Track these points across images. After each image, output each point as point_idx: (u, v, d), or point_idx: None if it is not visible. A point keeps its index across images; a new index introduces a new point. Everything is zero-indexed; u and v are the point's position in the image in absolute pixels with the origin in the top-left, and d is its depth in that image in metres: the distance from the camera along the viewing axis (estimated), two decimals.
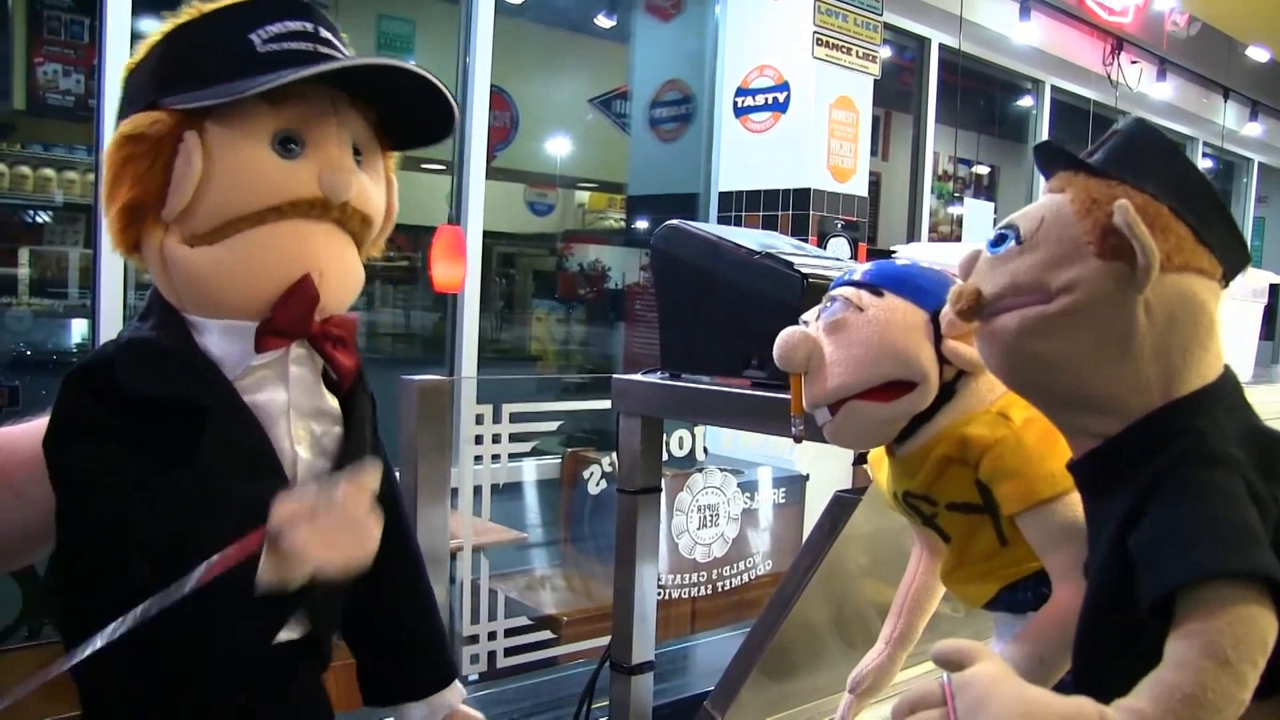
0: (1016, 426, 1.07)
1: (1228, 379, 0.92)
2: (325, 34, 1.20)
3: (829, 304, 1.15)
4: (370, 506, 1.04)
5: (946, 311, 1.08)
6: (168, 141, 1.13)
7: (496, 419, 3.13)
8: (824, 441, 1.18)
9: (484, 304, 4.61)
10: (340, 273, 1.22)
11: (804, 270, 1.49)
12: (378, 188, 1.27)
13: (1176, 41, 7.84)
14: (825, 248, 4.94)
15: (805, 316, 1.18)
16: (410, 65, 1.19)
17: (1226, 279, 0.92)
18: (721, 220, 5.26)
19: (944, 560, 1.20)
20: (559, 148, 7.66)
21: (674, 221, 1.68)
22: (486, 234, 4.57)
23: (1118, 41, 7.36)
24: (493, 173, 4.86)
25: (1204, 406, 0.89)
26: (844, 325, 1.11)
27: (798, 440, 1.22)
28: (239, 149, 1.14)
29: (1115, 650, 0.84)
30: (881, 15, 5.22)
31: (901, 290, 1.12)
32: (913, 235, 6.74)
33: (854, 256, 5.10)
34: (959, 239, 7.23)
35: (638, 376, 1.75)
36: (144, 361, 1.16)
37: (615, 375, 1.76)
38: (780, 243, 1.68)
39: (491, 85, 4.56)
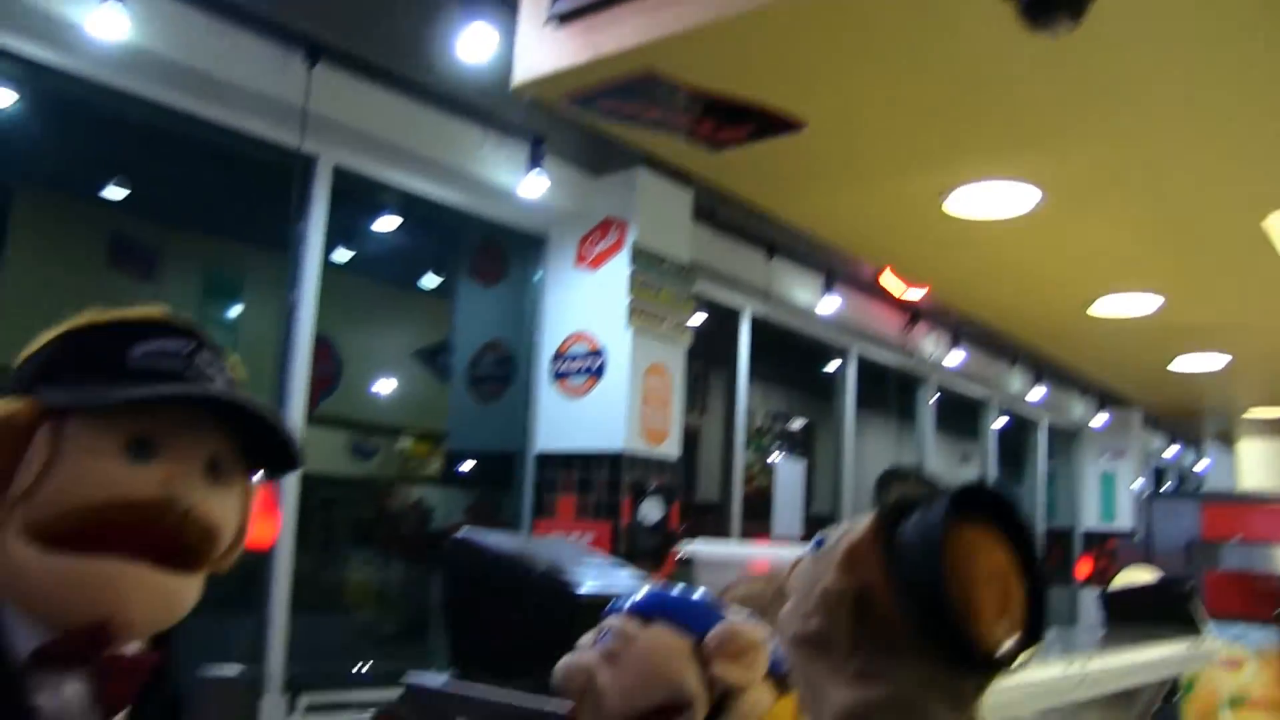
0: None
1: None
2: (203, 355, 1.26)
3: (602, 634, 1.22)
4: None
5: (712, 635, 1.18)
6: (26, 430, 1.17)
7: (292, 710, 3.06)
8: None
9: (302, 545, 4.51)
10: (152, 619, 1.23)
11: (579, 591, 1.58)
12: (229, 502, 1.29)
13: (965, 316, 8.40)
14: (638, 508, 5.05)
15: (583, 641, 1.24)
16: (254, 403, 1.25)
17: (960, 668, 0.98)
18: (539, 480, 5.34)
19: None
20: (383, 393, 7.72)
21: (463, 534, 1.76)
22: (307, 477, 4.50)
23: (914, 314, 7.85)
24: (315, 419, 4.85)
25: None
26: (616, 655, 1.18)
27: None
28: (89, 446, 1.18)
29: None
30: (693, 288, 5.50)
31: (668, 617, 1.19)
32: (728, 485, 6.91)
33: (667, 516, 5.22)
34: (770, 492, 7.44)
35: (428, 682, 1.79)
36: None
37: (409, 680, 1.79)
38: (565, 556, 1.77)
39: (318, 334, 4.60)
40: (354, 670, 3.27)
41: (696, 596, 1.25)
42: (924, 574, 0.95)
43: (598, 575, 1.69)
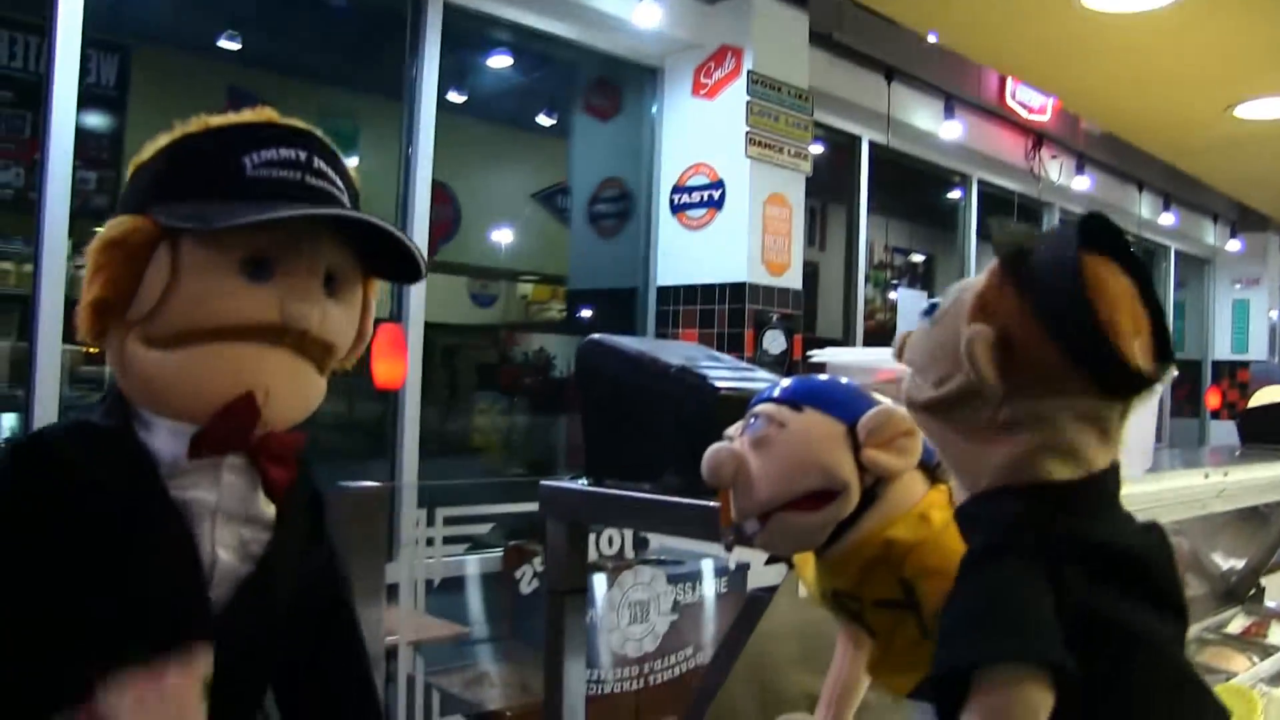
0: (937, 528, 1.13)
1: (1075, 485, 0.97)
2: (318, 164, 1.24)
3: (752, 421, 1.20)
4: (198, 694, 1.02)
5: (864, 420, 1.16)
6: (144, 250, 1.17)
7: (431, 522, 3.16)
8: (755, 548, 1.23)
9: (427, 396, 4.63)
10: (290, 394, 1.24)
11: (718, 385, 1.57)
12: (347, 314, 1.29)
13: (1093, 138, 8.11)
14: (761, 340, 5.05)
15: (729, 432, 1.22)
16: (374, 220, 1.23)
17: (1113, 395, 0.96)
18: (660, 314, 5.35)
19: (870, 653, 1.25)
20: (501, 240, 7.74)
21: (597, 336, 1.75)
22: (429, 326, 4.60)
23: (1038, 138, 7.61)
24: (436, 266, 4.90)
25: (1023, 500, 0.96)
26: (767, 441, 1.16)
27: (728, 549, 1.26)
28: (207, 269, 1.17)
29: None
30: (812, 115, 5.38)
31: (819, 404, 1.17)
32: (848, 323, 6.86)
33: (790, 348, 5.20)
34: (894, 326, 7.37)
35: (564, 483, 1.81)
36: (82, 445, 1.19)
37: (542, 482, 1.82)
38: (698, 355, 1.76)
39: (435, 180, 4.63)
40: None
41: (849, 386, 1.23)
42: (1066, 297, 0.93)
43: (733, 371, 1.68)
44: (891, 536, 1.14)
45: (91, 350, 4.23)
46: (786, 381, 1.23)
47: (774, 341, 5.14)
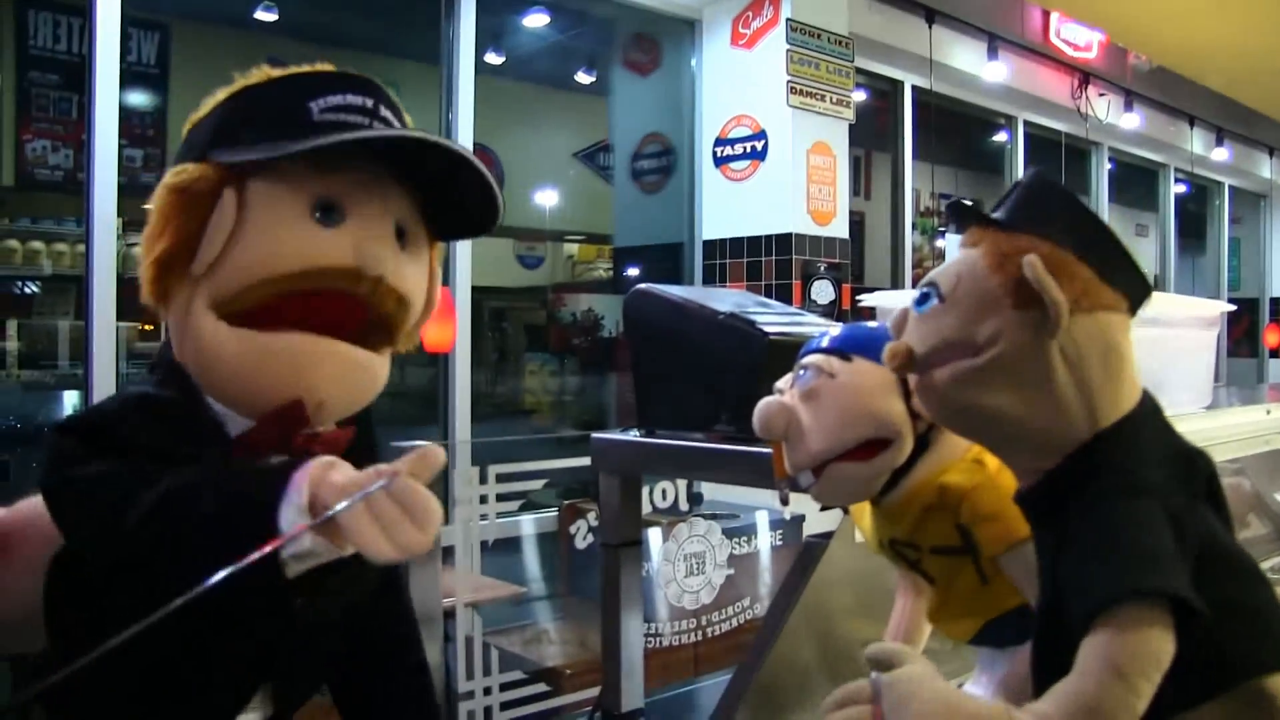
0: (992, 472, 1.12)
1: (1145, 405, 0.98)
2: (385, 112, 1.20)
3: (801, 373, 1.18)
4: (434, 504, 0.92)
5: None
6: (208, 196, 1.12)
7: (484, 480, 3.18)
8: (809, 497, 1.21)
9: (477, 359, 4.65)
10: (345, 399, 1.20)
11: (768, 329, 1.56)
12: (418, 271, 1.25)
13: (1140, 74, 7.96)
14: (809, 290, 5.01)
15: (779, 385, 1.21)
16: (451, 143, 1.19)
17: (1133, 309, 0.98)
18: (707, 267, 5.33)
19: (929, 600, 1.24)
20: (545, 201, 7.74)
21: (643, 286, 1.74)
22: (476, 289, 4.62)
23: (1084, 76, 7.47)
24: None
25: (1125, 436, 0.95)
26: (817, 392, 1.14)
27: (784, 503, 1.25)
28: (276, 209, 1.13)
29: (1060, 671, 0.89)
30: (853, 61, 5.31)
31: (868, 353, 1.14)
32: (897, 271, 6.81)
33: (838, 297, 5.17)
34: None
35: (615, 435, 1.81)
36: (149, 416, 1.14)
37: (594, 434, 1.81)
38: (747, 302, 1.74)
39: (476, 143, 4.63)
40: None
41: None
42: (1083, 219, 0.96)
43: (782, 317, 1.66)
44: (946, 482, 1.13)
45: (146, 327, 4.28)
46: (834, 330, 1.21)
47: (822, 292, 5.10)
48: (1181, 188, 9.72)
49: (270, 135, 1.15)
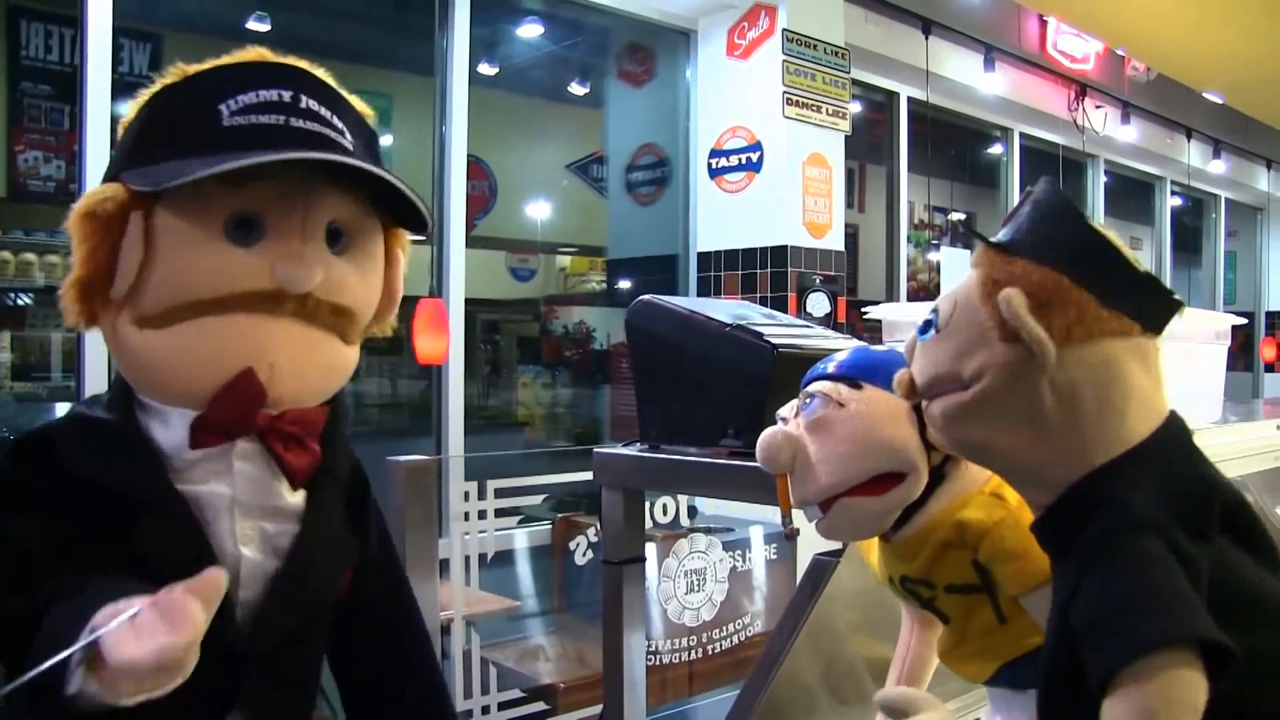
0: (1013, 508, 1.07)
1: (1161, 435, 0.93)
2: (307, 103, 1.12)
3: (807, 401, 1.12)
4: (198, 607, 0.85)
5: None
6: (118, 219, 1.08)
7: (482, 495, 3.14)
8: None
9: (469, 371, 4.62)
10: (299, 366, 1.14)
11: (775, 341, 1.52)
12: (361, 273, 1.19)
13: (1138, 85, 7.96)
14: (805, 303, 4.99)
15: (782, 412, 1.16)
16: (352, 161, 1.11)
17: (1153, 329, 0.93)
18: (701, 280, 5.30)
19: (942, 639, 1.19)
20: (538, 213, 7.72)
21: (647, 297, 1.71)
22: (469, 302, 4.58)
23: (1081, 88, 7.47)
24: (473, 241, 4.88)
25: (1125, 472, 0.90)
26: (826, 423, 1.09)
27: (789, 537, 1.20)
28: (185, 235, 1.08)
29: (1070, 712, 0.86)
30: (849, 73, 5.29)
31: (879, 380, 1.09)
32: (891, 285, 6.80)
33: (834, 310, 5.14)
34: (938, 286, 7.29)
35: (618, 450, 1.77)
36: (83, 440, 1.11)
37: (596, 449, 1.78)
38: (752, 313, 1.71)
39: (469, 155, 4.60)
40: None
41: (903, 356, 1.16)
42: (1080, 238, 0.92)
43: (788, 328, 1.63)
44: (965, 518, 1.08)
45: None
46: (841, 355, 1.16)
47: (818, 304, 5.07)
48: (1177, 200, 9.73)
49: (179, 149, 1.09)
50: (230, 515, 1.14)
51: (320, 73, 1.18)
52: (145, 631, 0.83)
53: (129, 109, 1.17)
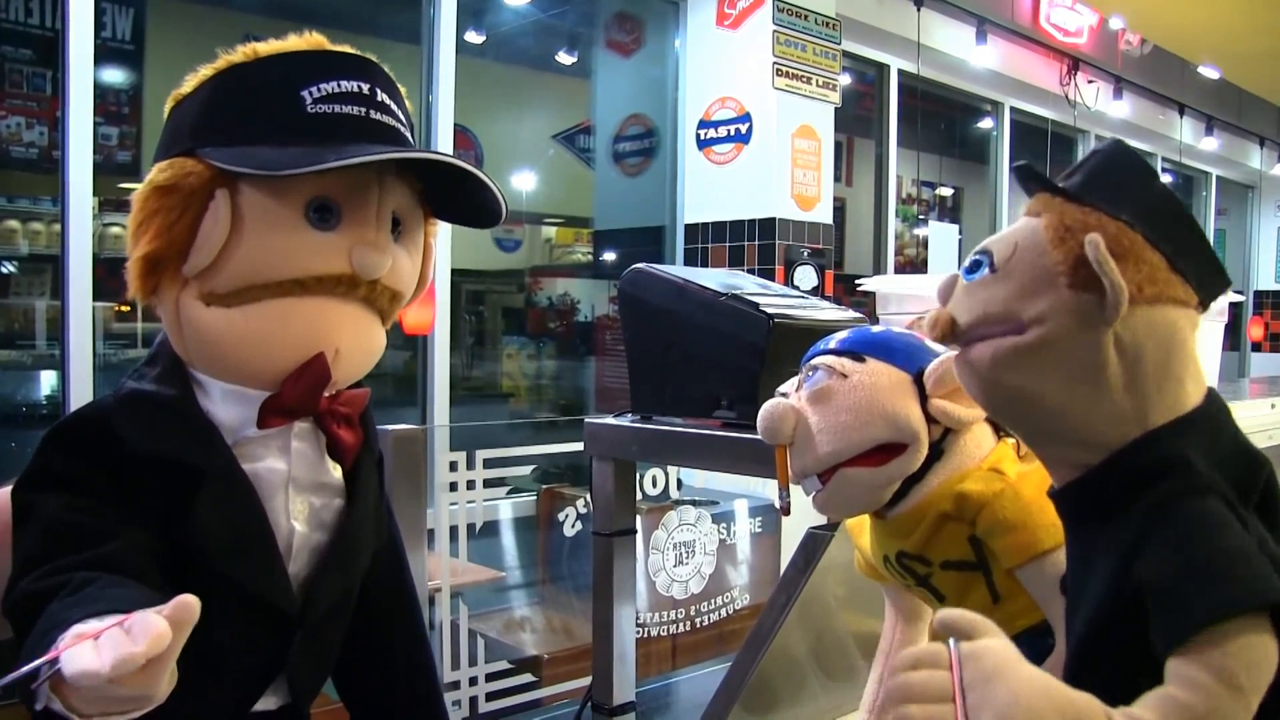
0: (1012, 481, 1.07)
1: (1209, 405, 0.91)
2: (381, 96, 1.15)
3: (810, 374, 1.13)
4: (165, 625, 0.81)
5: (931, 369, 1.09)
6: (199, 196, 1.09)
7: (470, 465, 3.13)
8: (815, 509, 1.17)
9: (454, 342, 4.61)
10: (358, 351, 1.18)
11: (770, 310, 1.51)
12: (412, 261, 1.22)
13: (1131, 60, 7.94)
14: (792, 276, 4.97)
15: (783, 389, 1.16)
16: (460, 162, 1.15)
17: (1204, 304, 0.91)
18: (688, 252, 5.28)
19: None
20: (524, 184, 7.67)
21: (640, 265, 1.69)
22: (454, 272, 4.57)
23: (1074, 62, 7.46)
24: None
25: (1183, 435, 0.88)
26: (829, 393, 1.10)
27: (785, 513, 1.19)
28: (271, 216, 1.09)
29: (1113, 678, 0.83)
30: (840, 44, 5.26)
31: (882, 354, 1.11)
32: (879, 259, 6.78)
33: (821, 283, 5.13)
34: (925, 261, 7.28)
35: (609, 420, 1.75)
36: (143, 416, 1.12)
37: (587, 419, 1.76)
38: (745, 282, 1.69)
39: (455, 124, 4.57)
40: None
41: (911, 335, 1.16)
42: (1161, 201, 0.89)
43: (782, 298, 1.61)
44: (965, 490, 1.08)
45: (123, 308, 4.22)
46: (842, 334, 1.16)
47: (805, 278, 5.07)
48: (1168, 178, 9.72)
49: (261, 132, 1.10)
50: (285, 491, 1.18)
51: (385, 66, 1.21)
52: (104, 644, 0.80)
53: (188, 82, 1.17)
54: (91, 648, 0.80)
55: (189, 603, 0.83)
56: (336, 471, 1.23)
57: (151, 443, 1.10)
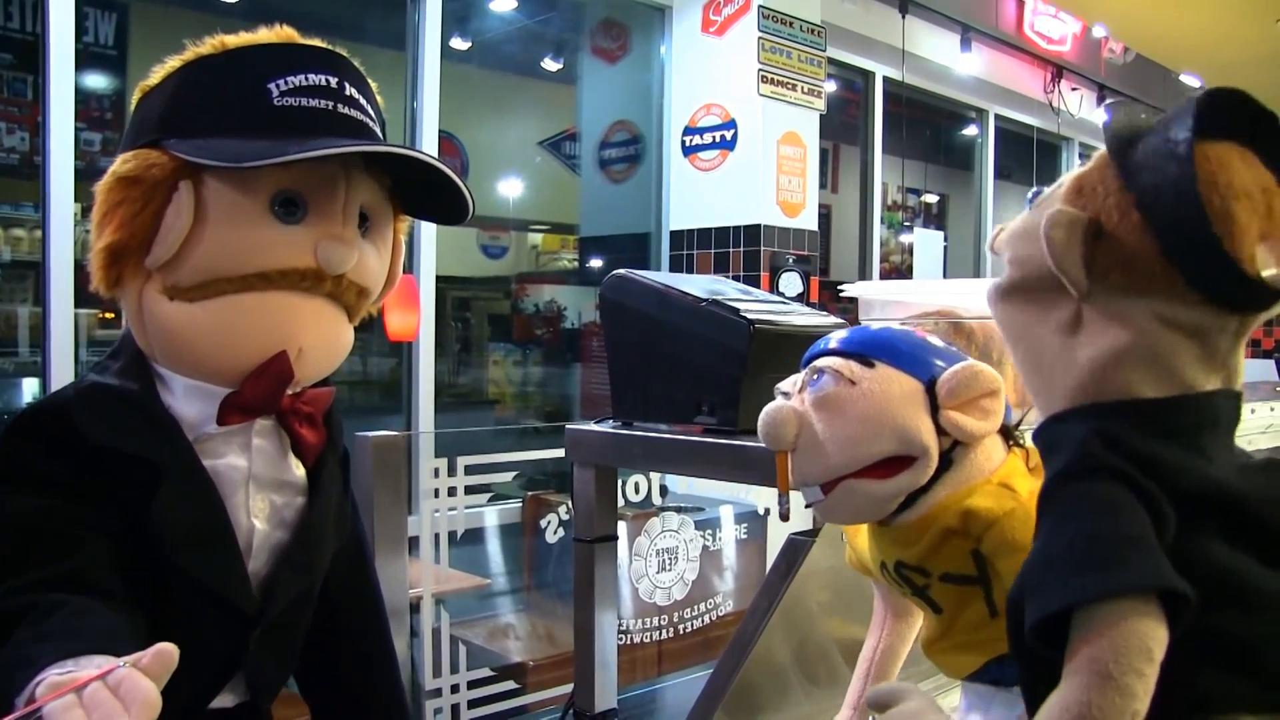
0: (1023, 499, 1.03)
1: (1181, 407, 0.84)
2: (350, 90, 1.15)
3: (815, 377, 1.08)
4: (152, 686, 0.79)
5: (944, 379, 1.05)
6: (163, 188, 1.08)
7: (452, 471, 3.12)
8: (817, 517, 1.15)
9: (440, 348, 4.60)
10: (323, 347, 1.17)
11: (751, 316, 1.50)
12: (380, 257, 1.21)
13: (1114, 68, 7.97)
14: (777, 283, 4.97)
15: (783, 386, 1.12)
16: (426, 156, 1.14)
17: (1219, 300, 0.83)
18: (674, 258, 5.28)
19: (930, 630, 1.14)
20: (510, 190, 7.66)
21: (622, 271, 1.68)
22: (440, 279, 4.56)
23: (1057, 69, 7.49)
24: None
25: (1100, 417, 0.85)
26: (837, 401, 1.05)
27: (784, 518, 1.16)
28: (235, 208, 1.09)
29: (1034, 671, 0.82)
30: (825, 51, 5.27)
31: (890, 358, 1.06)
32: (864, 266, 6.79)
33: (806, 290, 5.13)
34: (910, 267, 7.29)
35: (591, 426, 1.74)
36: (102, 409, 1.11)
37: (569, 425, 1.75)
38: (727, 288, 1.68)
39: (440, 130, 4.56)
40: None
41: (918, 336, 1.12)
42: (1171, 184, 0.80)
43: (764, 304, 1.61)
44: (973, 506, 1.03)
45: (106, 315, 4.20)
46: (844, 332, 1.12)
47: (790, 284, 5.06)
48: None
49: (227, 124, 1.10)
50: (245, 489, 1.17)
51: (353, 60, 1.20)
52: (93, 707, 0.77)
53: (155, 73, 1.16)
54: (79, 709, 0.76)
55: (168, 651, 0.81)
56: (299, 469, 1.22)
57: (111, 436, 1.08)
